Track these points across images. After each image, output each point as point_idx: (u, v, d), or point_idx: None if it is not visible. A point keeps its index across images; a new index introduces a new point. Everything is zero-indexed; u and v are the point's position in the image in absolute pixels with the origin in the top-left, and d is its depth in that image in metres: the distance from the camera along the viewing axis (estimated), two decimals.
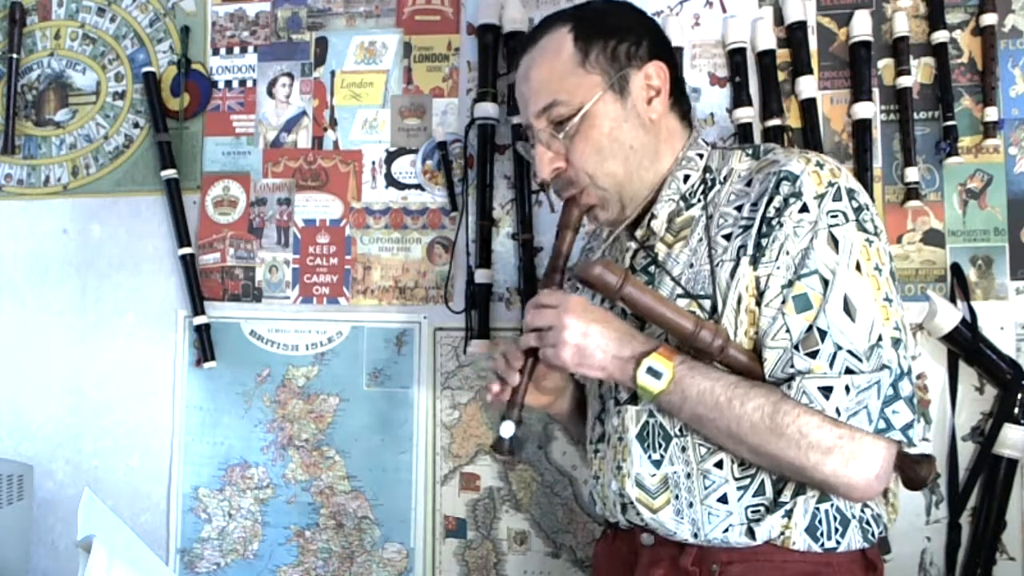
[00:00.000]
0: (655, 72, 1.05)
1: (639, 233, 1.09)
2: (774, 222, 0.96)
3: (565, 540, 1.55)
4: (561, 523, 1.56)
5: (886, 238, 0.99)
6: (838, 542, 0.97)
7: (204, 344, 1.64)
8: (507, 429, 1.02)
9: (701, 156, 1.09)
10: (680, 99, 1.11)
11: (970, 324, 1.42)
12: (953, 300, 1.44)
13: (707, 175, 1.07)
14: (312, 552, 1.63)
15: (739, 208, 1.01)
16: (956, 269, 1.46)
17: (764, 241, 0.96)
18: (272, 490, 1.64)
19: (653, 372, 0.96)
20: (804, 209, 0.95)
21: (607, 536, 1.18)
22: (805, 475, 0.94)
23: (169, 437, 1.68)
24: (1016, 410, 1.38)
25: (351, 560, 1.61)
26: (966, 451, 1.44)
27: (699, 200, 1.06)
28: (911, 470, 1.00)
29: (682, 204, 1.07)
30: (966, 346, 1.41)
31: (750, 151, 1.07)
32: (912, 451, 0.98)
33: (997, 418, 1.40)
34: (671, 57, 1.10)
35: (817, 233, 0.94)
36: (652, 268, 1.07)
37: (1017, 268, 1.45)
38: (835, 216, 0.95)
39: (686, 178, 1.07)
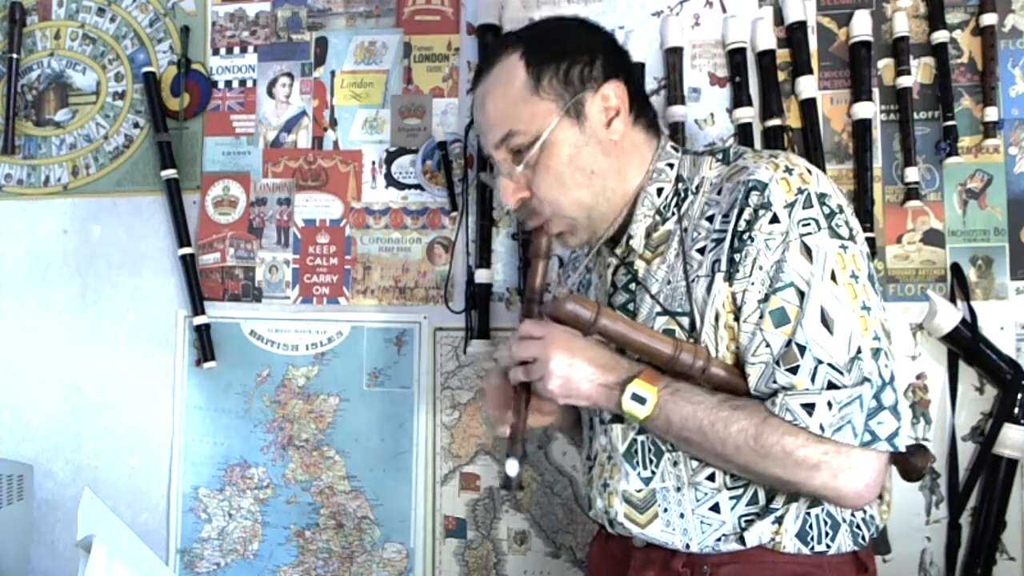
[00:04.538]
0: (612, 92, 1.02)
1: (619, 250, 1.08)
2: (745, 236, 0.94)
3: (565, 540, 1.56)
4: (561, 523, 1.56)
5: (863, 239, 0.98)
6: (828, 546, 0.97)
7: (204, 344, 1.64)
8: (512, 467, 1.01)
9: (671, 166, 1.06)
10: (643, 110, 1.08)
11: (970, 324, 1.42)
12: (953, 300, 1.44)
13: (679, 185, 1.05)
14: (312, 552, 1.63)
15: (710, 219, 0.99)
16: (956, 269, 1.46)
17: (737, 256, 0.95)
18: (272, 490, 1.64)
19: (637, 398, 0.95)
20: (775, 220, 0.93)
21: (601, 537, 1.19)
22: (795, 489, 0.94)
23: (169, 437, 1.68)
24: (1016, 410, 1.38)
25: (351, 560, 1.61)
26: (966, 451, 1.44)
27: (673, 213, 1.04)
28: (906, 462, 1.00)
29: (658, 218, 1.05)
30: (966, 346, 1.41)
31: (720, 156, 1.05)
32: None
33: (997, 418, 1.40)
34: (629, 72, 1.07)
35: (789, 244, 0.93)
36: (632, 285, 1.05)
37: (1017, 268, 1.45)
38: (807, 224, 0.93)
39: (659, 191, 1.05)
